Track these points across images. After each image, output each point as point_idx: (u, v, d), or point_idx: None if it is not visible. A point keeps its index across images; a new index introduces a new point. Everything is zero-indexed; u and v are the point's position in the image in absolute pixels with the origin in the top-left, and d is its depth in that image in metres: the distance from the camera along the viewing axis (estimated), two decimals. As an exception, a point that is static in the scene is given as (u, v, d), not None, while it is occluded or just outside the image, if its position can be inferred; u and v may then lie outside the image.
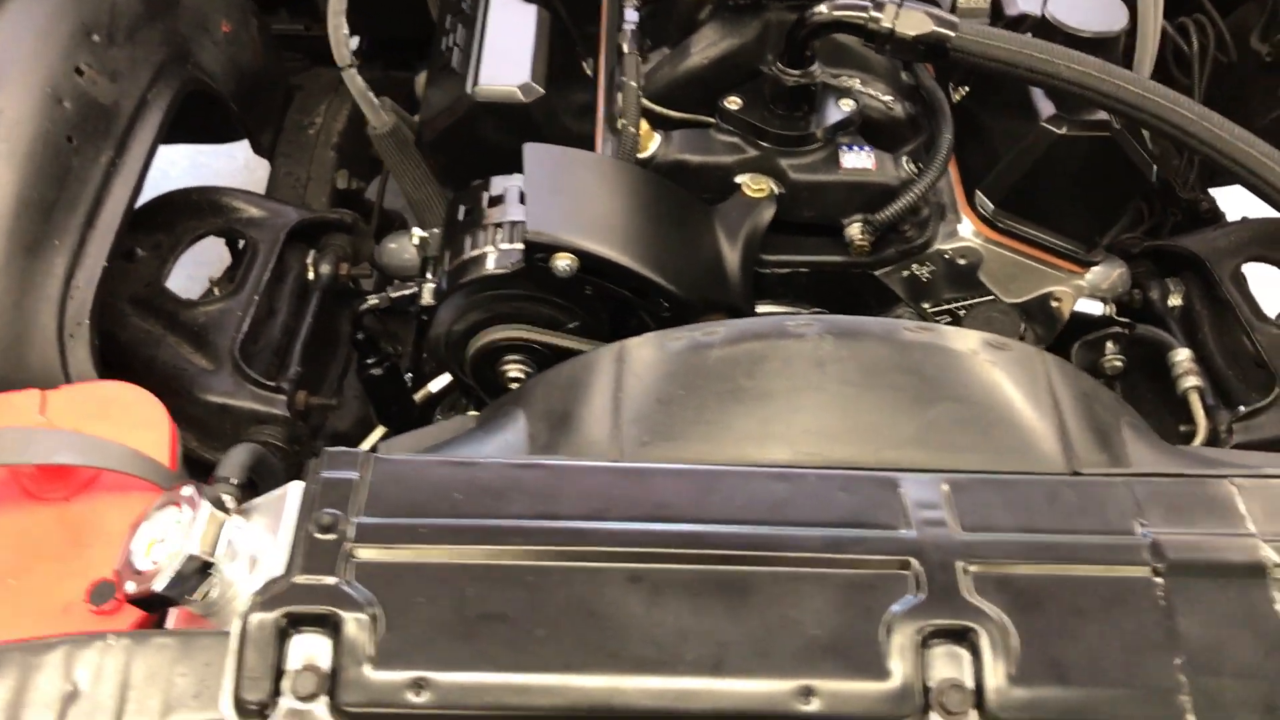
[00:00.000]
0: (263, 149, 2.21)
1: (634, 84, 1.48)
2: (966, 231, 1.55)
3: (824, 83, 1.52)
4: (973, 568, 0.93)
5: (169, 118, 1.72)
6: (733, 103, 1.52)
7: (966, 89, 1.61)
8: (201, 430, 1.61)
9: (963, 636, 0.89)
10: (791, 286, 1.58)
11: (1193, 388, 1.66)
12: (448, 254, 1.42)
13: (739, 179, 1.51)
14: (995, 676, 0.88)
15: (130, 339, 1.67)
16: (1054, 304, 1.61)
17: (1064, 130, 1.44)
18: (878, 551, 0.93)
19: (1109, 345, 1.67)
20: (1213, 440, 1.63)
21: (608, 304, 1.36)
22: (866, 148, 1.52)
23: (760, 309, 1.54)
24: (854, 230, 1.51)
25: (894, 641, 0.89)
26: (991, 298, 1.59)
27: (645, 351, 1.11)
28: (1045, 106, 1.46)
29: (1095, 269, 1.64)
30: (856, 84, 1.60)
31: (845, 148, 1.52)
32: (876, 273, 1.57)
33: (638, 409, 1.06)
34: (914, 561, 0.93)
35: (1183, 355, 1.69)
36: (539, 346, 1.38)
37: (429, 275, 1.49)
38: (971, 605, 0.90)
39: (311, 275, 1.85)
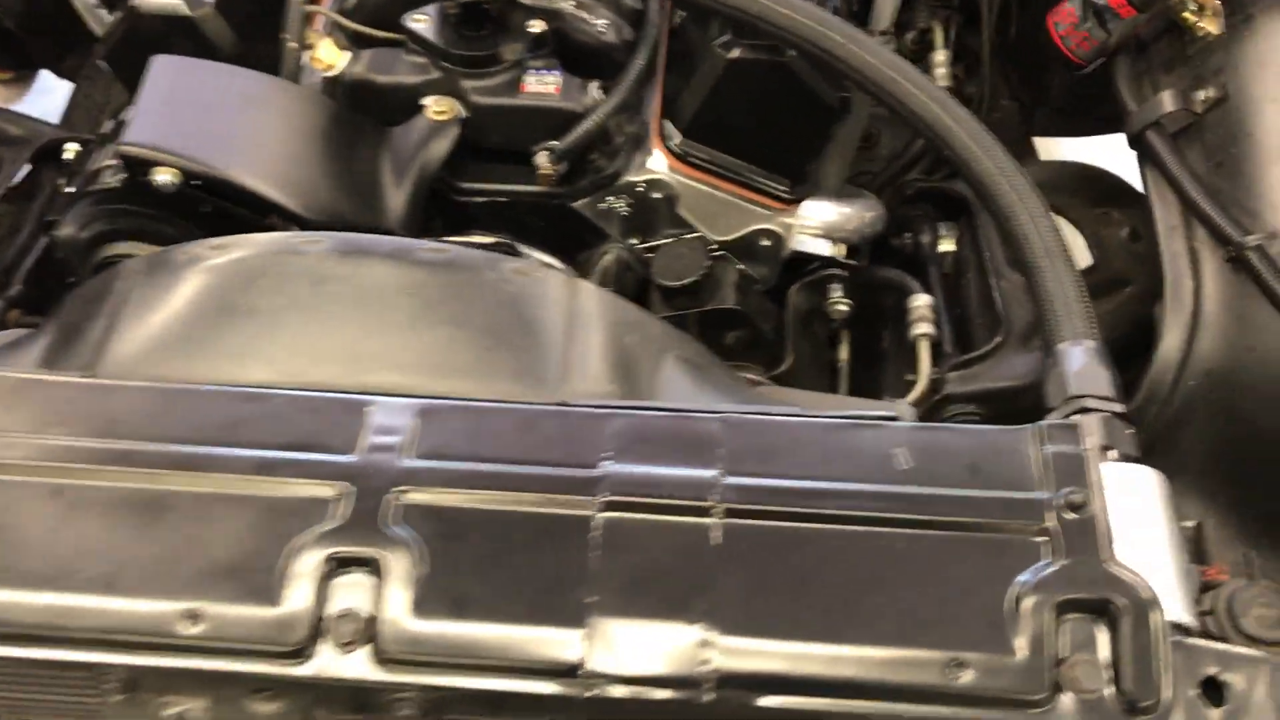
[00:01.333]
0: (67, 73, 2.19)
1: (299, -1, 1.43)
2: (656, 163, 1.48)
3: (512, 2, 1.46)
4: (406, 496, 0.89)
5: None
6: (418, 21, 1.46)
7: (684, 14, 1.54)
8: (-94, 343, 1.60)
9: (369, 566, 0.86)
10: (495, 217, 1.52)
11: (921, 335, 1.57)
12: (87, 165, 1.39)
13: (424, 101, 1.46)
14: (394, 609, 0.84)
15: None
16: (764, 243, 1.54)
17: (736, 54, 1.37)
18: (309, 476, 0.90)
19: (833, 288, 1.60)
20: (935, 389, 1.56)
21: (238, 226, 1.32)
22: (555, 72, 1.46)
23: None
24: (541, 158, 1.45)
25: (294, 568, 0.86)
26: (697, 234, 1.53)
27: (158, 266, 1.08)
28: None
29: (820, 206, 1.56)
30: (568, 6, 1.53)
31: (532, 71, 1.46)
32: (575, 205, 1.51)
33: (131, 324, 1.03)
34: (346, 487, 0.89)
35: (920, 301, 1.60)
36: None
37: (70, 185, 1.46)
38: (384, 534, 0.87)
39: (67, 196, 1.83)
